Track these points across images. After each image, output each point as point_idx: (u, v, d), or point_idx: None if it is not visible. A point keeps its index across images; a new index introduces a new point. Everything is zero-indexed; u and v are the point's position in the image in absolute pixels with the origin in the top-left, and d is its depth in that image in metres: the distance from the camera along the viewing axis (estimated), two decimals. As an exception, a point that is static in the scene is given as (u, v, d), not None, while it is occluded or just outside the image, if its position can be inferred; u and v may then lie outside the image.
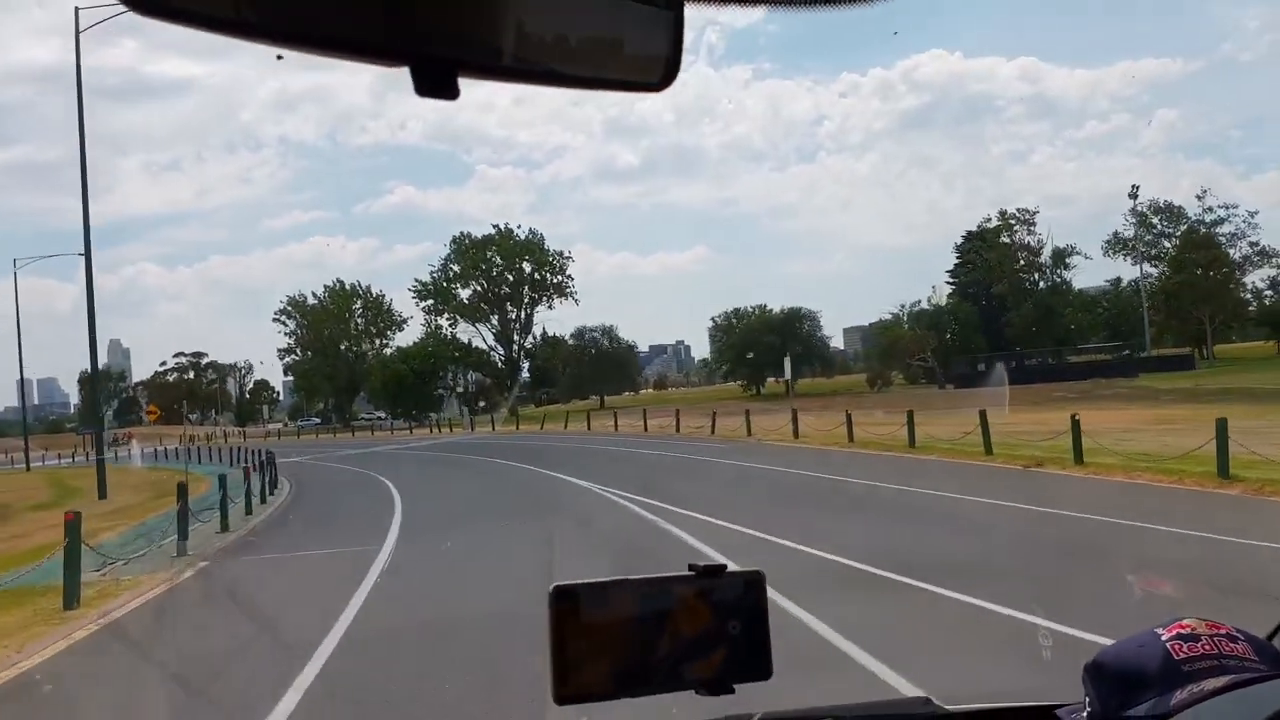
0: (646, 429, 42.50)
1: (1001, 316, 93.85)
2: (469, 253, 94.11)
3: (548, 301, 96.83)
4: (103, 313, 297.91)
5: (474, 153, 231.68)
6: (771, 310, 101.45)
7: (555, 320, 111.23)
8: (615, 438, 41.75)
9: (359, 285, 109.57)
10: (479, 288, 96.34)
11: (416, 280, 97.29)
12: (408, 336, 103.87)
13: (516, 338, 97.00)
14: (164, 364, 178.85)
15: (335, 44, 0.77)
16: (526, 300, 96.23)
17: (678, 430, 40.63)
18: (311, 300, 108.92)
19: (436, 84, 0.79)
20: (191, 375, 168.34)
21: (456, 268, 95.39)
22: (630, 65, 0.90)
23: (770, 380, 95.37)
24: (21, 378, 74.11)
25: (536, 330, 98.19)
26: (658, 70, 0.89)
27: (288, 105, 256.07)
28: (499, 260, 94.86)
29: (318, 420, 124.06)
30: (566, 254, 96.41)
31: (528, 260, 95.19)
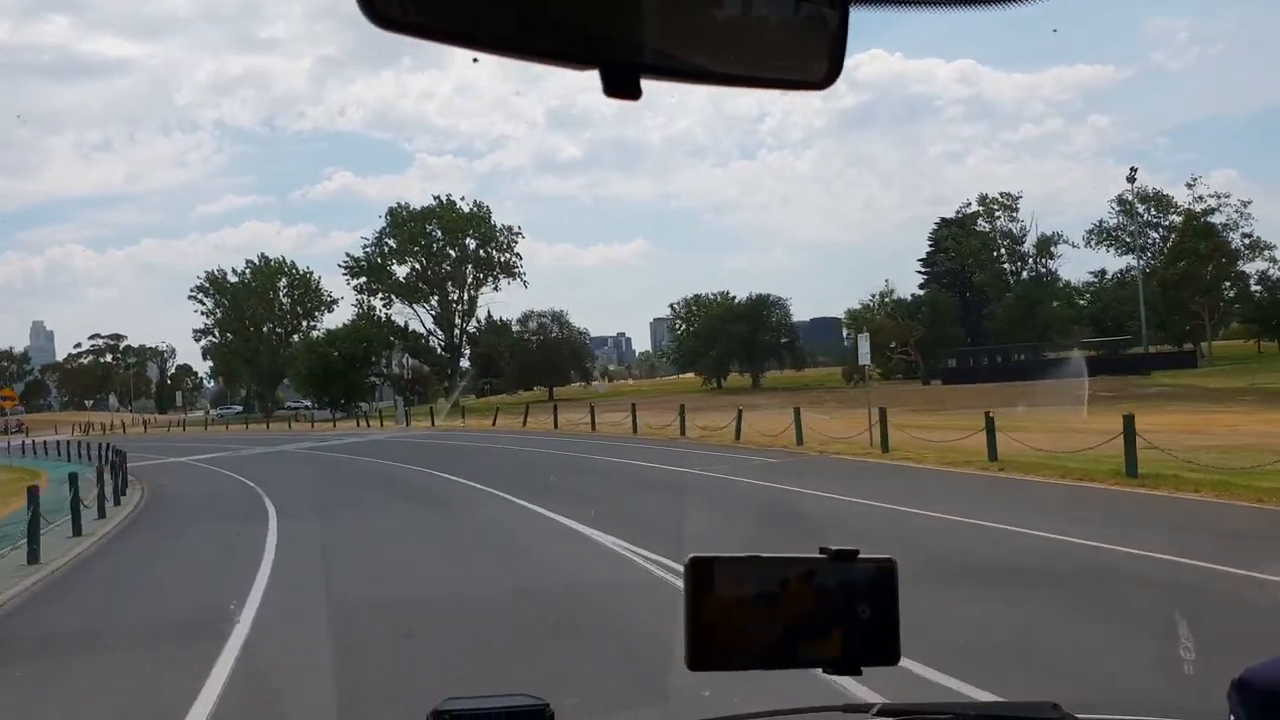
0: (636, 429, 33.18)
1: (983, 308, 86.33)
2: (406, 225, 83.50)
3: (493, 282, 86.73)
4: (26, 295, 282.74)
5: (415, 141, 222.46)
6: (735, 298, 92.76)
7: (501, 303, 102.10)
8: (596, 440, 32.29)
9: (284, 261, 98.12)
10: (417, 265, 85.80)
11: (348, 255, 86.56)
12: (338, 318, 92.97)
13: (458, 321, 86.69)
14: (78, 346, 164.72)
15: (537, 51, 0.82)
16: (470, 280, 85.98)
17: (683, 432, 31.23)
18: (232, 277, 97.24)
19: (622, 86, 0.84)
20: (109, 359, 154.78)
21: (393, 242, 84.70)
22: (796, 64, 0.92)
23: (733, 374, 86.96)
24: None
25: (480, 314, 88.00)
26: (821, 69, 0.91)
27: (225, 89, 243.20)
28: (440, 235, 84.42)
29: (239, 409, 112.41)
30: (516, 229, 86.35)
31: (472, 235, 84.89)
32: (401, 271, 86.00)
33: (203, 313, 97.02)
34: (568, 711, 1.29)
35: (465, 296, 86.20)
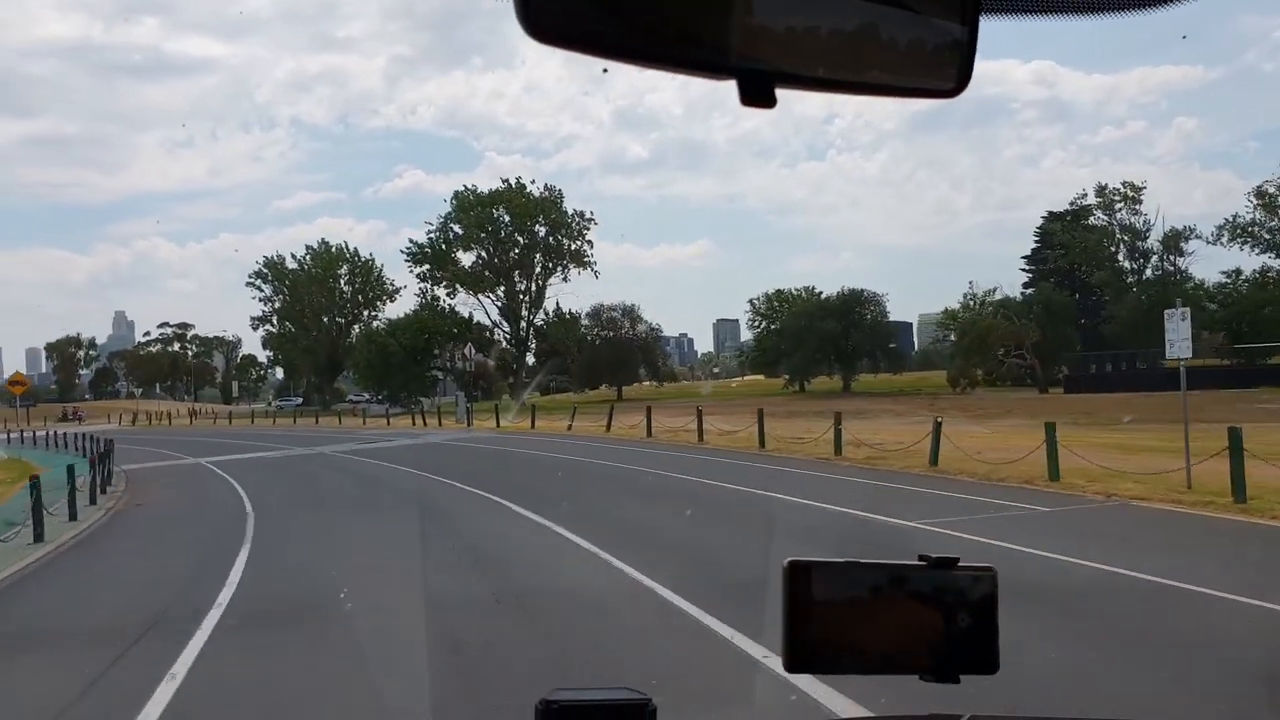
0: (763, 444, 24.99)
1: (1100, 309, 76.99)
2: (473, 210, 76.72)
3: (563, 272, 79.51)
4: (112, 285, 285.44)
5: (483, 140, 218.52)
6: (820, 293, 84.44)
7: (570, 295, 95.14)
8: (720, 459, 24.62)
9: (346, 247, 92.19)
10: (484, 253, 79.04)
11: (411, 241, 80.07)
12: (400, 308, 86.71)
13: (525, 313, 79.69)
14: (147, 334, 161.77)
15: (677, 61, 0.84)
16: (538, 269, 78.89)
17: (838, 451, 23.44)
18: (292, 264, 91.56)
19: (758, 94, 0.85)
20: (177, 347, 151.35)
21: (458, 228, 77.97)
22: (927, 72, 0.92)
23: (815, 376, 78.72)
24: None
25: (548, 305, 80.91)
26: (951, 77, 0.92)
27: (302, 87, 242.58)
28: (508, 220, 77.48)
29: (299, 401, 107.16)
30: (588, 215, 78.95)
31: (542, 221, 77.80)
32: (467, 259, 79.38)
33: (260, 299, 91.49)
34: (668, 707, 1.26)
35: (533, 287, 79.20)
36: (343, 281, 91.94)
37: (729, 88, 0.85)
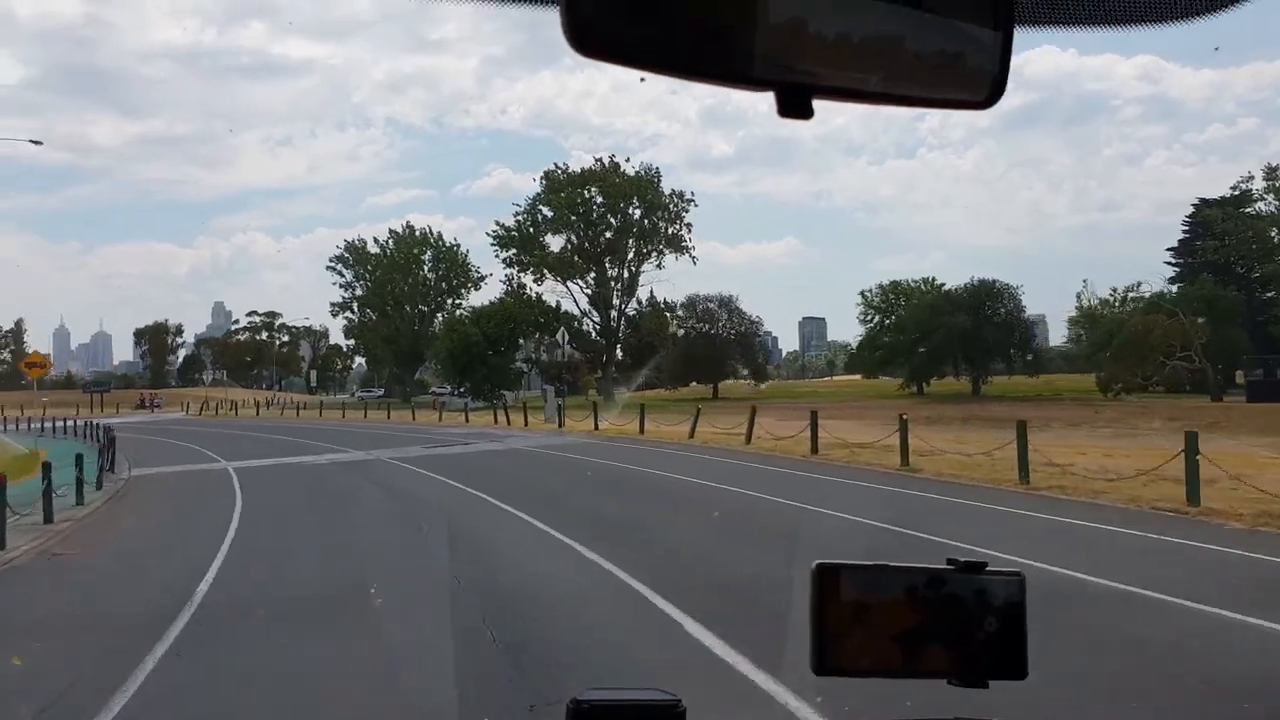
0: (1026, 475, 17.34)
1: (1272, 308, 66.54)
2: (564, 191, 69.72)
3: (657, 257, 72.06)
4: (213, 277, 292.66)
5: (571, 138, 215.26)
6: (943, 285, 75.43)
7: (666, 283, 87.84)
8: (942, 489, 16.83)
9: (430, 231, 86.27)
10: (573, 237, 72.05)
11: (498, 224, 73.48)
12: (485, 296, 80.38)
13: (616, 301, 72.54)
14: (236, 322, 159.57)
15: (717, 75, 0.86)
16: (631, 254, 71.60)
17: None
18: (374, 248, 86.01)
19: (796, 106, 0.87)
20: (264, 335, 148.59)
21: (548, 210, 71.14)
22: (960, 84, 0.92)
23: (938, 377, 69.88)
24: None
25: (641, 294, 73.58)
26: (985, 88, 0.92)
27: (397, 88, 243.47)
28: (600, 201, 70.35)
29: (381, 392, 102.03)
30: (688, 196, 71.28)
31: (637, 203, 70.45)
32: (555, 244, 72.55)
33: (341, 285, 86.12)
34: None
35: (625, 273, 71.95)
36: (426, 268, 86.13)
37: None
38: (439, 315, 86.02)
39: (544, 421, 36.20)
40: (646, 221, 70.36)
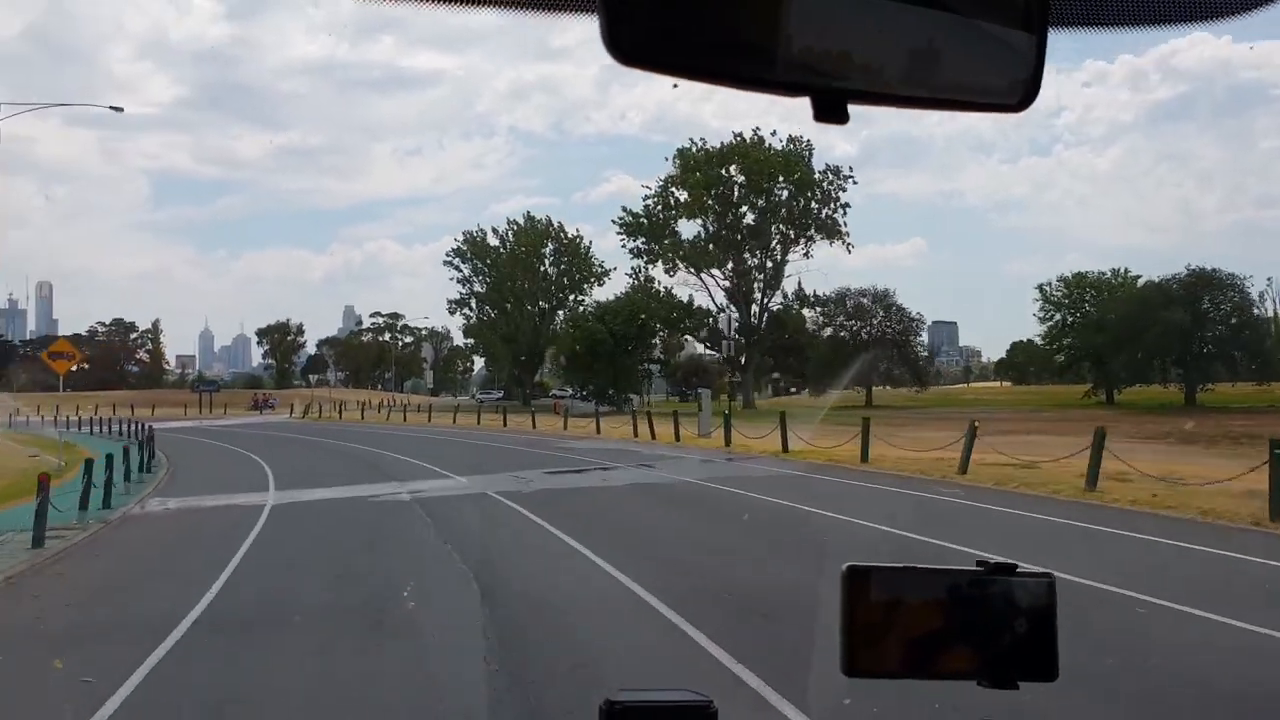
0: None
1: None
2: (700, 170, 61.07)
3: (806, 244, 62.69)
4: (345, 282, 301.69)
5: (685, 140, 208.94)
6: (1137, 276, 63.65)
7: (813, 273, 78.09)
8: None
9: (551, 223, 78.97)
10: (709, 223, 63.34)
11: (624, 210, 65.39)
12: (608, 293, 72.52)
13: (758, 295, 63.43)
14: (359, 323, 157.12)
15: (754, 81, 0.85)
16: (776, 241, 62.42)
17: None
18: (493, 240, 79.25)
19: (832, 112, 0.87)
20: (387, 337, 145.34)
21: (681, 193, 62.69)
22: (994, 87, 0.92)
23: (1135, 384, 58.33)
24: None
25: (787, 286, 64.29)
26: (1019, 91, 0.91)
27: (520, 96, 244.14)
28: (742, 180, 61.45)
29: (500, 394, 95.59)
30: (846, 172, 61.62)
31: (783, 182, 61.23)
32: (688, 231, 64.02)
33: (459, 280, 79.64)
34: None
35: (769, 263, 62.76)
36: (547, 262, 78.89)
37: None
38: (560, 312, 78.67)
39: (697, 435, 27.53)
40: (797, 203, 61.00)
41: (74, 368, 28.67)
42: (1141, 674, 5.94)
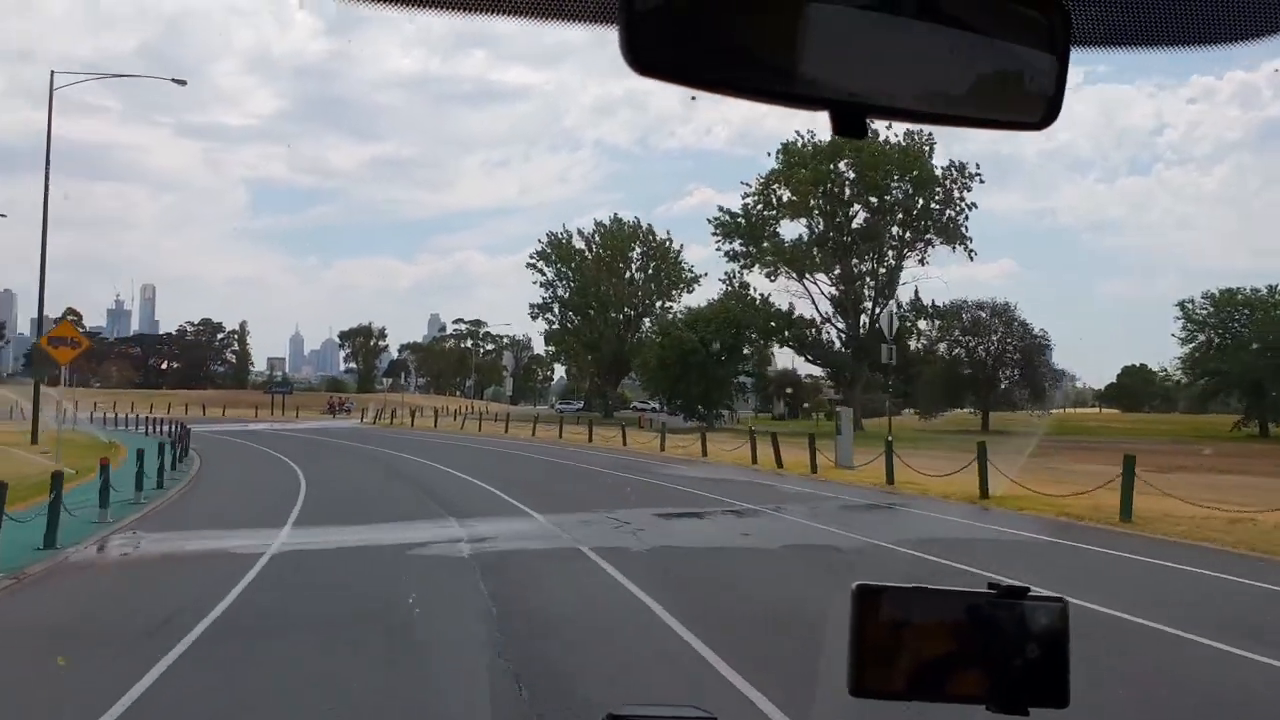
0: None
1: None
2: (806, 166, 55.25)
3: (923, 250, 56.34)
4: (432, 292, 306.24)
5: (774, 153, 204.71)
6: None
7: (934, 282, 70.57)
8: None
9: (639, 224, 73.91)
10: (813, 225, 57.46)
11: (721, 209, 59.82)
12: (696, 301, 67.05)
13: (868, 304, 57.20)
14: (444, 328, 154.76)
15: (774, 94, 0.84)
16: (891, 245, 56.18)
17: None
18: (578, 242, 74.58)
19: (851, 126, 0.85)
20: (469, 344, 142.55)
21: (784, 191, 56.91)
22: (1014, 105, 0.90)
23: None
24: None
25: (902, 295, 57.91)
26: (1039, 109, 0.90)
27: (606, 110, 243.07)
28: (852, 177, 55.43)
29: (579, 405, 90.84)
30: (971, 170, 55.15)
31: (898, 180, 55.05)
32: (790, 233, 58.19)
33: (541, 284, 75.10)
34: None
35: (881, 269, 56.55)
36: (634, 266, 73.87)
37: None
38: (646, 320, 73.51)
39: (834, 464, 21.76)
40: (915, 205, 54.66)
41: (78, 357, 24.38)
42: None
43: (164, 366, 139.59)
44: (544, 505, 15.27)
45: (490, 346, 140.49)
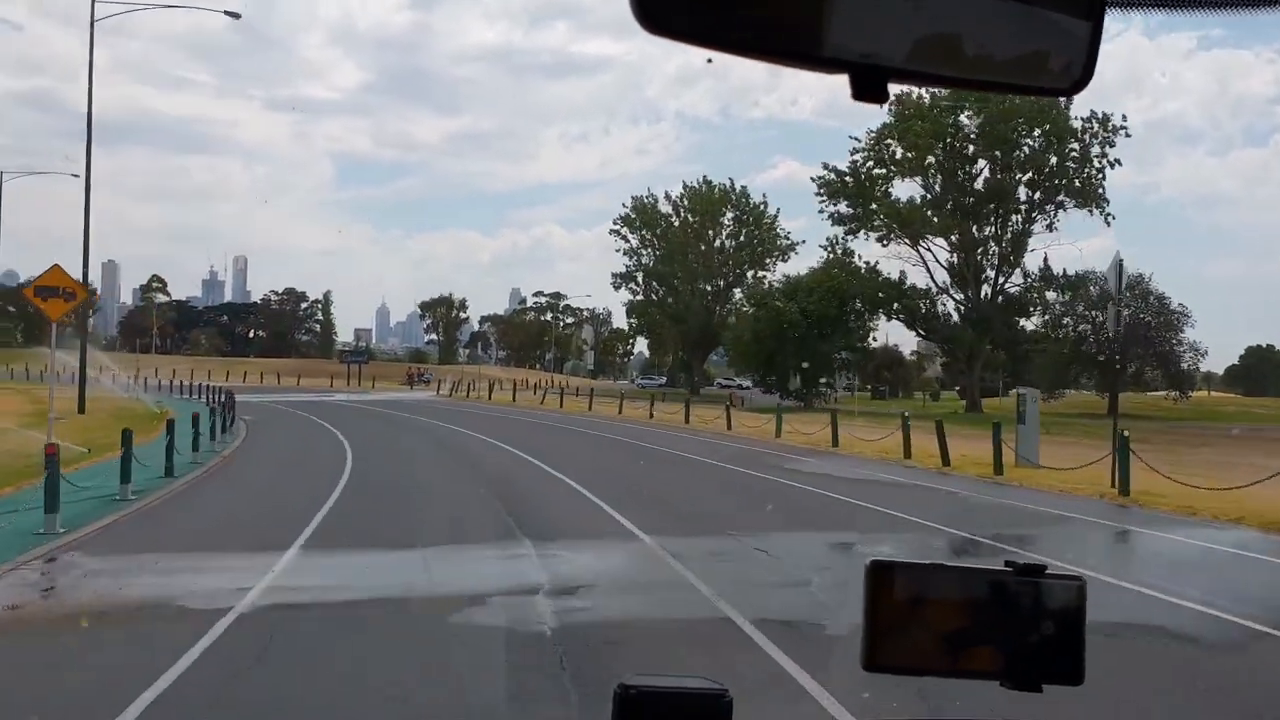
0: None
1: None
2: (919, 118, 49.34)
3: (1053, 212, 50.16)
4: (512, 265, 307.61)
5: (863, 128, 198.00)
6: None
7: (1061, 249, 64.20)
8: None
9: (732, 187, 68.80)
10: (930, 185, 51.70)
11: (826, 167, 54.30)
12: (789, 271, 61.80)
13: (991, 273, 51.34)
14: (524, 300, 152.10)
15: (790, 55, 0.81)
16: (1025, 205, 50.11)
17: None
18: (664, 206, 69.88)
19: (871, 90, 0.81)
20: (549, 317, 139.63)
21: (898, 146, 51.16)
22: (1045, 71, 0.86)
23: None
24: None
25: (1029, 263, 51.82)
26: (1071, 76, 0.85)
27: (688, 81, 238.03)
28: (976, 133, 49.46)
29: (662, 380, 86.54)
30: (1117, 123, 48.53)
31: (1025, 133, 48.88)
32: (905, 192, 52.51)
33: (625, 252, 70.68)
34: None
35: (1008, 233, 50.53)
36: (724, 233, 68.90)
37: None
38: (736, 291, 68.58)
39: (1015, 461, 16.76)
40: (1048, 161, 48.42)
41: (75, 312, 20.82)
42: None
43: (250, 335, 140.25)
44: (653, 519, 10.87)
45: (570, 319, 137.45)
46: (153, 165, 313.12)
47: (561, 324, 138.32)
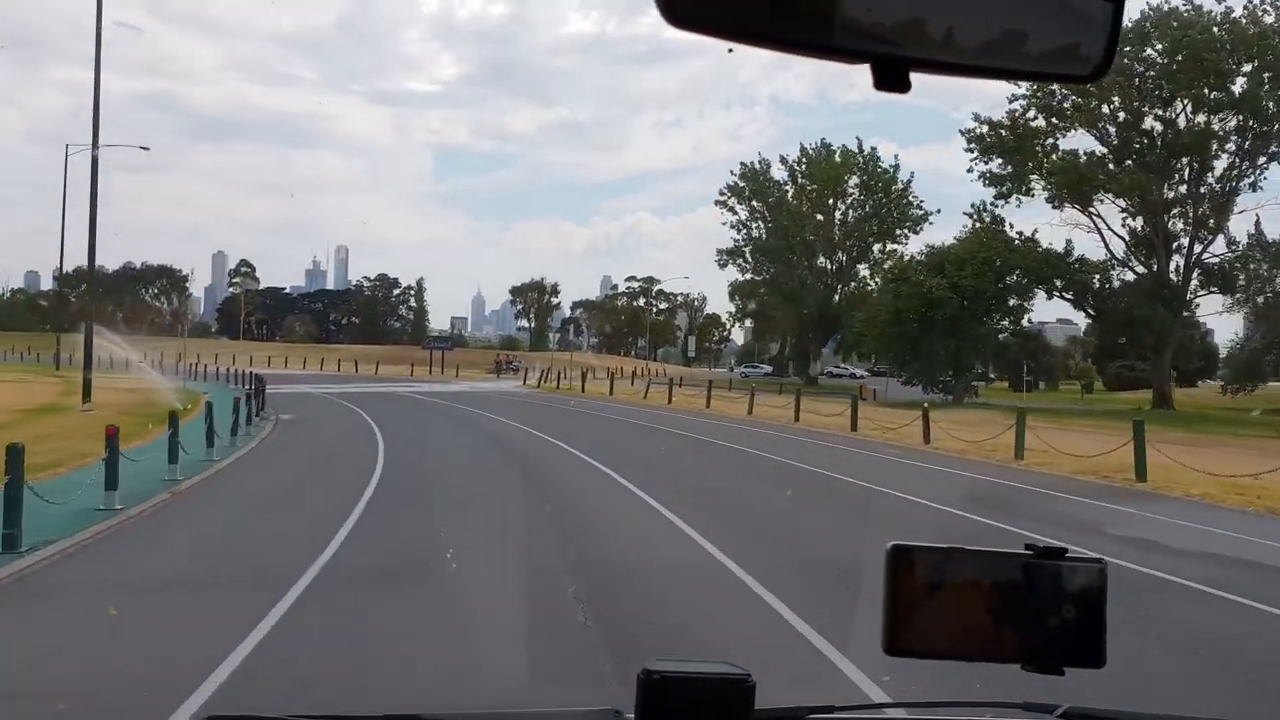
0: None
1: None
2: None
3: (1264, 161, 41.04)
4: (604, 254, 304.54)
5: (961, 108, 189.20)
6: None
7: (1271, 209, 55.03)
8: None
9: (859, 150, 60.80)
10: (1109, 137, 43.06)
11: (977, 118, 46.03)
12: (931, 238, 53.63)
13: (1186, 239, 42.47)
14: (615, 287, 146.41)
15: (813, 46, 0.82)
16: (1234, 155, 41.12)
17: None
18: (778, 172, 62.37)
19: (893, 79, 0.82)
20: (642, 302, 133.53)
21: (1066, 91, 42.59)
22: (1065, 56, 0.86)
23: None
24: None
25: (1236, 228, 42.77)
26: (1090, 63, 0.86)
27: (783, 64, 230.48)
28: (1159, 68, 40.59)
29: (768, 369, 79.17)
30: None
31: (1235, 66, 39.81)
32: (1068, 143, 43.97)
33: (732, 225, 63.46)
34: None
35: (1209, 192, 41.60)
36: (847, 202, 61.06)
37: None
38: (861, 267, 60.76)
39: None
40: (1263, 102, 39.29)
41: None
42: None
43: (344, 322, 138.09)
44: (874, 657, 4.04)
45: (663, 305, 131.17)
46: (259, 160, 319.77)
47: (655, 309, 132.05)
